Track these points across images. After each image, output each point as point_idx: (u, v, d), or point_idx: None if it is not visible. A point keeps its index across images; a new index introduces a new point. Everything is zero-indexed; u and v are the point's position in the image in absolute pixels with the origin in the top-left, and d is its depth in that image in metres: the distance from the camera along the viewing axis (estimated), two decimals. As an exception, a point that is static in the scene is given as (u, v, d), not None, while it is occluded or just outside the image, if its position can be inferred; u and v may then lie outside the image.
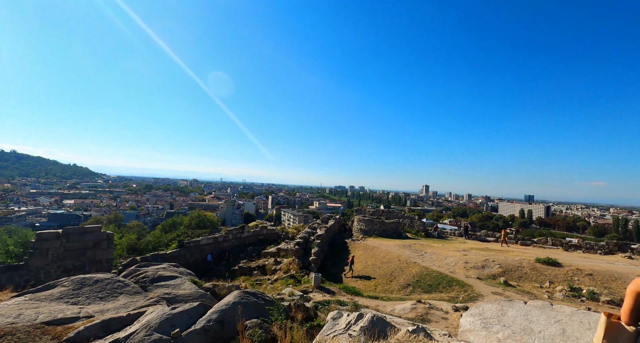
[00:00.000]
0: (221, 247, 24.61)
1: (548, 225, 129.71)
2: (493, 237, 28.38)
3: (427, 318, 9.18)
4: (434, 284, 14.20)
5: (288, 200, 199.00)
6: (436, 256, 18.21)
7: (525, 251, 21.17)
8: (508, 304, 6.72)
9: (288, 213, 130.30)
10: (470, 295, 12.27)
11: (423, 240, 26.13)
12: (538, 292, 13.07)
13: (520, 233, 32.36)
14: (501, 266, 15.59)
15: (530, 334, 5.62)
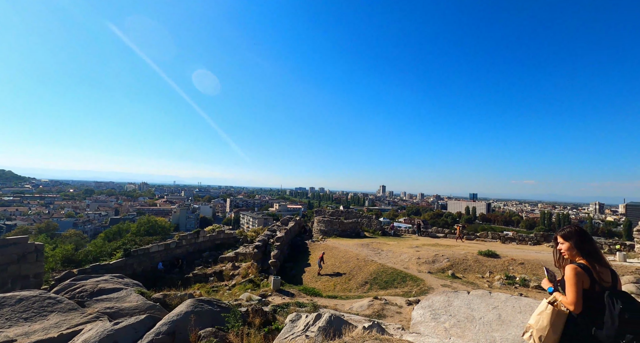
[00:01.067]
0: (174, 254, 23.15)
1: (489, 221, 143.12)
2: (442, 233, 30.51)
3: (382, 313, 9.55)
4: (390, 280, 14.84)
5: (247, 203, 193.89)
6: (392, 253, 19.05)
7: (470, 245, 23.10)
8: (454, 295, 7.28)
9: (247, 216, 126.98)
10: (422, 289, 13.03)
11: (380, 238, 27.17)
12: (480, 281, 14.32)
13: (466, 228, 35.31)
14: (449, 260, 16.81)
15: (472, 321, 6.15)
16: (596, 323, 2.29)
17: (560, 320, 2.45)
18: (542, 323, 2.48)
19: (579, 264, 2.47)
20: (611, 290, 2.32)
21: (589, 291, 2.38)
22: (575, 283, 2.38)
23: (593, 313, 2.32)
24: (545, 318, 2.48)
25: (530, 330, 2.55)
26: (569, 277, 2.43)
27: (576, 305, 2.37)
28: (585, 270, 2.41)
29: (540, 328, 2.47)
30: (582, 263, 2.49)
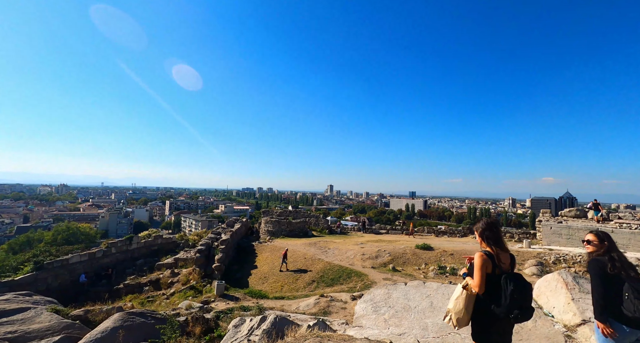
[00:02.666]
0: (101, 264, 20.62)
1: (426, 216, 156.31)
2: (385, 229, 32.39)
3: (328, 310, 9.77)
4: (336, 277, 15.25)
5: (189, 205, 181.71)
6: (338, 251, 19.62)
7: (409, 239, 24.92)
8: (393, 287, 7.77)
9: (189, 219, 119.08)
10: (366, 284, 13.68)
11: (327, 237, 27.77)
12: (417, 273, 15.55)
13: (406, 224, 38.03)
14: (390, 254, 17.93)
15: (409, 311, 6.63)
16: (495, 302, 2.71)
17: (471, 301, 2.85)
18: (458, 307, 2.86)
19: (485, 252, 2.87)
20: (507, 273, 2.76)
21: (491, 275, 2.79)
22: (480, 268, 2.79)
23: (493, 293, 2.74)
24: (461, 302, 2.86)
25: (450, 314, 2.92)
26: (476, 263, 2.85)
27: (480, 287, 2.78)
28: (489, 256, 2.82)
29: (457, 311, 2.85)
30: (487, 250, 2.90)
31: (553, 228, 18.59)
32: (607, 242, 3.15)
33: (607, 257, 3.05)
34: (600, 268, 3.02)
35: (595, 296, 3.01)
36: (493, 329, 2.75)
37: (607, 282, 2.97)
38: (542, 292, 6.62)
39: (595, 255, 3.15)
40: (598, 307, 3.02)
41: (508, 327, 2.78)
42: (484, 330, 2.79)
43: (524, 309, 2.60)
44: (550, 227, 18.75)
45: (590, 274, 3.10)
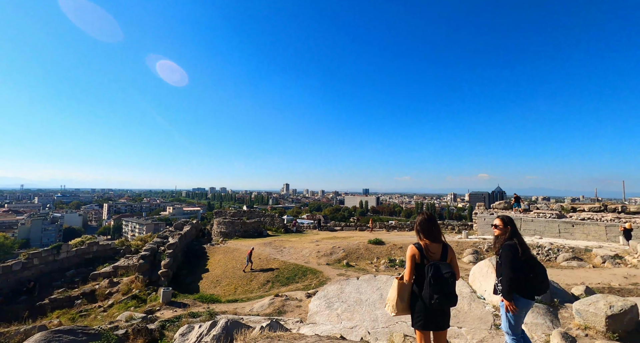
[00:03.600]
0: (20, 278, 17.92)
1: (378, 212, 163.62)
2: (340, 226, 33.16)
3: (283, 309, 9.72)
4: (291, 276, 15.23)
5: (132, 208, 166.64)
6: (293, 250, 19.60)
7: (362, 235, 25.85)
8: (345, 282, 7.99)
9: (132, 223, 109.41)
10: (321, 280, 13.87)
11: (283, 236, 27.57)
12: (369, 267, 16.21)
13: (360, 221, 39.40)
14: (344, 250, 18.43)
15: (360, 304, 6.88)
16: (422, 289, 3.01)
17: (405, 290, 3.12)
18: (392, 295, 3.15)
19: (415, 244, 3.16)
20: (434, 262, 3.03)
21: (420, 264, 3.07)
22: (409, 259, 3.11)
23: (421, 281, 3.03)
24: (393, 291, 3.15)
25: (388, 302, 3.19)
26: (406, 254, 3.18)
27: (408, 276, 3.10)
28: (417, 248, 3.11)
29: (392, 299, 3.14)
30: (417, 242, 3.18)
31: (486, 220, 20.75)
32: (510, 226, 3.59)
33: (517, 241, 3.50)
34: (513, 253, 3.43)
35: (506, 277, 3.41)
36: (426, 315, 3.00)
37: (517, 264, 3.40)
38: (476, 278, 7.34)
39: (504, 240, 3.56)
40: (507, 287, 3.42)
41: (440, 311, 3.02)
42: (418, 316, 3.04)
43: (442, 294, 2.86)
44: (484, 219, 20.90)
45: (502, 257, 3.48)
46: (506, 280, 3.40)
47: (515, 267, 3.38)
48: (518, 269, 3.38)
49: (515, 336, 3.50)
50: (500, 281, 3.52)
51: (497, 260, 3.67)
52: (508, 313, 3.46)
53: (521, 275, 3.38)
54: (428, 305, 2.94)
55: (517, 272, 3.37)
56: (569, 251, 14.46)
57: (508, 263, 3.41)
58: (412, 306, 3.08)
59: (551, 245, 15.53)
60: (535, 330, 5.32)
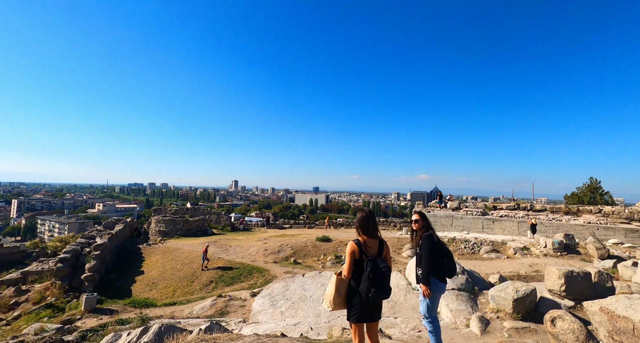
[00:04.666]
0: None
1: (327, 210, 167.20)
2: (289, 224, 33.10)
3: (226, 310, 9.38)
4: (237, 276, 14.77)
5: (50, 205, 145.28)
6: (240, 248, 19.03)
7: (311, 232, 26.15)
8: (291, 280, 8.01)
9: (50, 222, 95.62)
10: (267, 279, 13.70)
11: (229, 234, 26.57)
12: (316, 264, 16.48)
13: (310, 218, 39.82)
14: (292, 248, 18.45)
15: (305, 300, 6.95)
16: (359, 283, 3.13)
17: (343, 285, 3.19)
18: (330, 291, 3.19)
19: (355, 240, 3.26)
20: (372, 258, 3.16)
21: (359, 260, 3.18)
22: (349, 255, 3.18)
23: (359, 276, 3.14)
24: (331, 286, 3.19)
25: (325, 298, 3.23)
26: (346, 251, 3.26)
27: (347, 272, 3.18)
28: (357, 244, 3.21)
29: (329, 295, 3.18)
30: (357, 238, 3.30)
31: (424, 217, 22.56)
32: (424, 220, 4.04)
33: (432, 232, 3.94)
34: (432, 241, 3.84)
35: (426, 264, 3.79)
36: (362, 308, 3.11)
37: (435, 251, 3.82)
38: (412, 271, 7.93)
39: (423, 232, 3.96)
40: (425, 273, 3.80)
41: (375, 304, 3.17)
42: (354, 310, 3.15)
43: (379, 288, 3.01)
44: (422, 216, 22.69)
45: (423, 246, 3.85)
46: (425, 267, 3.76)
47: (434, 254, 3.77)
48: (436, 256, 3.78)
49: (432, 319, 3.89)
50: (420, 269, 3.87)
51: (417, 252, 4.01)
52: (425, 297, 3.81)
53: (438, 262, 3.78)
54: (364, 299, 3.05)
55: (435, 259, 3.76)
56: (489, 244, 16.44)
57: (428, 251, 3.77)
58: (349, 300, 3.17)
59: (475, 240, 17.50)
60: (459, 316, 5.94)
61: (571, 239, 14.84)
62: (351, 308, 3.16)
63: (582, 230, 17.69)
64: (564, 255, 14.02)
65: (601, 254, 12.34)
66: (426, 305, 3.86)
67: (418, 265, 3.94)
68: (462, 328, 5.58)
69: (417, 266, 3.96)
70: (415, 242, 4.07)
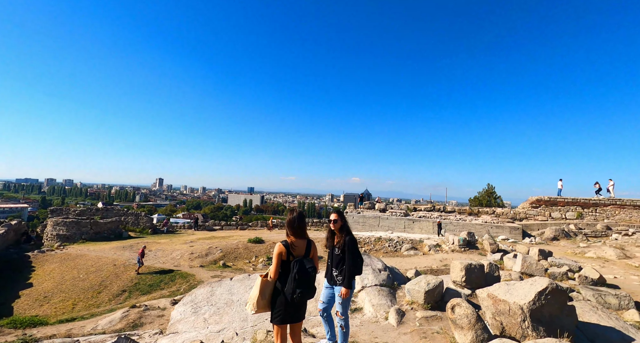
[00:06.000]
0: None
1: (262, 211, 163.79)
2: (219, 225, 31.43)
3: (140, 322, 8.42)
4: (156, 283, 13.40)
5: None
6: (162, 252, 17.35)
7: (243, 234, 25.28)
8: (217, 284, 7.59)
9: None
10: (192, 285, 12.76)
11: (150, 237, 24.01)
12: (247, 266, 15.99)
13: (243, 219, 38.45)
14: (222, 251, 17.56)
15: (231, 305, 6.66)
16: (285, 284, 3.14)
17: (268, 287, 3.17)
18: (254, 293, 3.15)
19: (282, 241, 3.26)
20: (299, 259, 3.19)
21: (286, 261, 3.19)
22: (277, 257, 3.17)
23: (285, 277, 3.15)
24: (256, 288, 3.15)
25: (249, 300, 3.17)
26: (274, 252, 3.22)
27: (274, 273, 3.16)
28: (285, 245, 3.22)
29: (253, 297, 3.13)
30: (285, 240, 3.30)
31: (354, 218, 23.78)
32: (343, 220, 3.98)
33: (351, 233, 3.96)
34: (355, 242, 3.91)
35: (351, 268, 3.74)
36: (286, 309, 3.12)
37: (359, 252, 3.90)
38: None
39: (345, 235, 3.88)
40: (349, 276, 3.75)
41: (299, 305, 3.20)
42: (278, 312, 3.13)
43: (304, 289, 3.06)
44: (352, 217, 23.87)
45: (349, 248, 3.77)
46: (351, 270, 3.71)
47: (358, 255, 3.84)
48: (359, 257, 3.85)
49: (346, 316, 3.94)
50: (340, 271, 3.77)
51: (336, 252, 3.89)
52: (343, 299, 3.76)
53: (359, 263, 3.86)
54: (289, 300, 3.06)
55: (358, 261, 3.82)
56: (409, 242, 18.19)
57: (355, 252, 3.78)
58: (273, 302, 3.14)
59: (398, 238, 19.18)
60: (379, 309, 6.40)
61: (472, 236, 17.34)
62: (275, 310, 3.14)
63: (480, 228, 20.84)
64: (467, 250, 16.31)
65: (493, 249, 14.71)
66: (344, 305, 3.83)
67: (336, 267, 3.82)
68: (381, 321, 6.02)
69: (334, 267, 3.85)
70: (335, 242, 3.91)
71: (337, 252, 3.87)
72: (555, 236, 19.27)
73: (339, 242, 3.86)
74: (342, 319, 3.86)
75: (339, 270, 3.77)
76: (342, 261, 3.78)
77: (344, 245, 3.78)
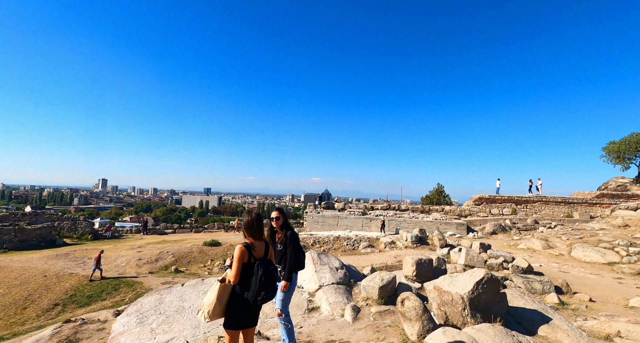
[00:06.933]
0: None
1: (220, 212, 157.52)
2: (172, 228, 29.58)
3: (75, 338, 7.56)
4: (96, 293, 12.18)
5: None
6: (104, 259, 15.77)
7: (198, 237, 24.09)
8: (167, 291, 7.14)
9: None
10: (139, 293, 11.82)
11: (90, 243, 21.77)
12: (202, 271, 15.26)
13: (199, 221, 36.58)
14: (174, 255, 16.54)
15: (182, 312, 6.30)
16: (248, 288, 3.01)
17: (226, 292, 3.00)
18: (210, 299, 2.94)
19: (244, 243, 3.13)
20: (260, 260, 3.11)
21: (248, 264, 3.07)
22: (238, 260, 3.02)
23: (248, 281, 3.03)
24: (212, 294, 2.95)
25: (203, 307, 2.95)
26: (234, 255, 3.08)
27: (235, 277, 3.01)
28: (246, 247, 3.10)
29: (209, 304, 2.92)
30: (246, 242, 3.18)
31: (314, 218, 23.95)
32: (284, 218, 4.04)
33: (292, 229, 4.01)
34: (297, 237, 3.98)
35: (292, 262, 3.81)
36: (243, 314, 3.00)
37: (300, 250, 3.97)
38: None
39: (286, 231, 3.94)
40: (289, 270, 3.82)
41: (256, 309, 3.11)
42: (234, 316, 2.99)
43: (268, 291, 2.99)
44: (312, 217, 24.03)
45: (291, 243, 3.85)
46: (291, 264, 3.78)
47: (301, 252, 3.92)
48: (300, 251, 3.93)
49: (287, 314, 3.92)
50: (284, 267, 3.82)
51: (278, 248, 3.90)
52: (283, 292, 3.79)
53: (301, 258, 3.94)
54: (252, 303, 2.95)
55: (300, 256, 3.90)
56: (367, 241, 18.81)
57: (297, 246, 3.86)
58: (230, 307, 3.00)
59: (356, 237, 19.73)
60: (336, 307, 6.52)
61: (424, 233, 18.47)
62: (232, 315, 3.00)
63: (431, 225, 22.28)
64: (419, 246, 17.32)
65: (441, 244, 15.82)
66: (287, 302, 3.84)
67: (279, 263, 3.87)
68: (338, 319, 6.14)
69: (277, 264, 3.89)
70: (277, 238, 3.93)
71: (279, 247, 3.90)
72: (494, 230, 21.33)
73: (280, 237, 3.90)
74: (282, 318, 3.84)
75: (282, 266, 3.83)
76: (284, 256, 3.84)
77: (286, 240, 3.84)
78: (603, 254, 12.81)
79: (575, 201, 26.12)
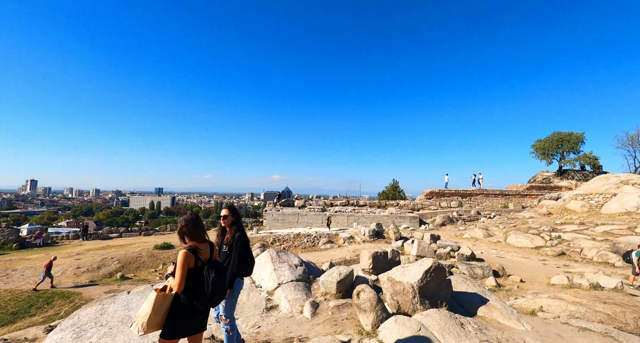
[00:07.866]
0: None
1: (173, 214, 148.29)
2: (117, 232, 27.19)
3: (-3, 362, 6.63)
4: (24, 309, 10.75)
5: None
6: (33, 271, 14.04)
7: (148, 240, 22.44)
8: (110, 300, 6.55)
9: None
10: (77, 305, 10.68)
11: (15, 253, 19.13)
12: (152, 276, 14.26)
13: (149, 224, 34.02)
14: (120, 261, 15.23)
15: (128, 322, 5.83)
16: (197, 295, 2.75)
17: (166, 302, 2.68)
18: (145, 310, 2.63)
19: (188, 247, 2.82)
20: (208, 263, 2.89)
21: (194, 268, 2.78)
22: (182, 266, 2.70)
23: (196, 285, 2.77)
24: (148, 305, 2.63)
25: (137, 320, 2.63)
26: (178, 261, 2.77)
27: (180, 285, 2.69)
28: (191, 251, 2.79)
29: (144, 315, 2.59)
30: (190, 245, 2.85)
31: (274, 216, 23.68)
32: (235, 216, 3.78)
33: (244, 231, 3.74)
34: (246, 243, 3.71)
35: (234, 267, 3.53)
36: (188, 322, 2.75)
37: (246, 254, 3.69)
38: (256, 269, 8.12)
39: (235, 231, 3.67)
40: (231, 276, 3.46)
41: (202, 313, 2.85)
42: (178, 325, 2.72)
43: (220, 293, 2.82)
44: (272, 215, 23.74)
45: (239, 245, 3.57)
46: (233, 269, 3.50)
47: (246, 256, 3.62)
48: (246, 257, 3.62)
49: (232, 319, 3.65)
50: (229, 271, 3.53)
51: (223, 250, 3.64)
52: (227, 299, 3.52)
53: (247, 263, 3.65)
54: (202, 309, 2.75)
55: (245, 260, 3.61)
56: (326, 237, 19.09)
57: (243, 250, 3.56)
58: (173, 316, 2.71)
59: (316, 233, 19.93)
60: (295, 304, 6.52)
61: (380, 227, 19.26)
62: (174, 326, 2.71)
63: (387, 219, 23.31)
64: (376, 240, 18.03)
65: (396, 237, 16.64)
66: (231, 307, 3.60)
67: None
68: (297, 315, 6.15)
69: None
70: (225, 239, 3.67)
71: (224, 249, 3.62)
72: (443, 222, 23.01)
73: (227, 238, 3.63)
74: (226, 323, 3.59)
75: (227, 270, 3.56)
76: (229, 259, 3.57)
77: (232, 242, 3.57)
78: (531, 239, 14.58)
79: (510, 193, 29.24)
